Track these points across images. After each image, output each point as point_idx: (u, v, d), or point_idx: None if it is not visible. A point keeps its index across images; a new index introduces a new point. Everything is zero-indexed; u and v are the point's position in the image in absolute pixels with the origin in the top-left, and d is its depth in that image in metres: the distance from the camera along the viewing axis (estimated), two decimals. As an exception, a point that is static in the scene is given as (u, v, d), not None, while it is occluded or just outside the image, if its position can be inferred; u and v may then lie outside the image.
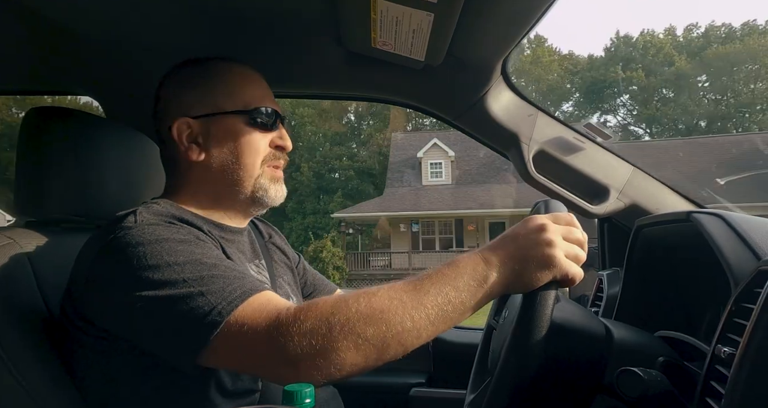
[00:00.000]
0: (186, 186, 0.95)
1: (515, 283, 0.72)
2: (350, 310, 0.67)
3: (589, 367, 0.80)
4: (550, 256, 0.71)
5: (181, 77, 0.96)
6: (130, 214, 0.81)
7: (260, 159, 0.94)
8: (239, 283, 0.72)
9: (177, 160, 0.95)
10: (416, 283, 0.70)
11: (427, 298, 0.69)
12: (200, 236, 0.82)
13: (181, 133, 0.92)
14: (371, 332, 0.66)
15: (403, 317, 0.67)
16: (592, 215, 1.36)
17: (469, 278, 0.71)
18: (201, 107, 0.93)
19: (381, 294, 0.69)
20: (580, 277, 0.73)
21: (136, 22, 1.13)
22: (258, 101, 0.95)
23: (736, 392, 0.59)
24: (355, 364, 0.67)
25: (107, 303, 0.75)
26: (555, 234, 0.73)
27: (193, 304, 0.69)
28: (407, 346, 0.69)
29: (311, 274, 1.24)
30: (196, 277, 0.72)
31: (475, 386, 1.03)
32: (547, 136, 1.35)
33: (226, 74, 0.96)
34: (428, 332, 0.69)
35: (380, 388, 1.54)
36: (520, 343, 0.70)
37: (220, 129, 0.93)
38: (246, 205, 0.96)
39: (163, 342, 0.72)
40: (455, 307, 0.70)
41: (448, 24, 0.97)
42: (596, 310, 1.30)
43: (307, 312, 0.68)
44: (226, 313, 0.68)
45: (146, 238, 0.75)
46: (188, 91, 0.94)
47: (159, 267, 0.72)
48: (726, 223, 0.86)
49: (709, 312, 0.98)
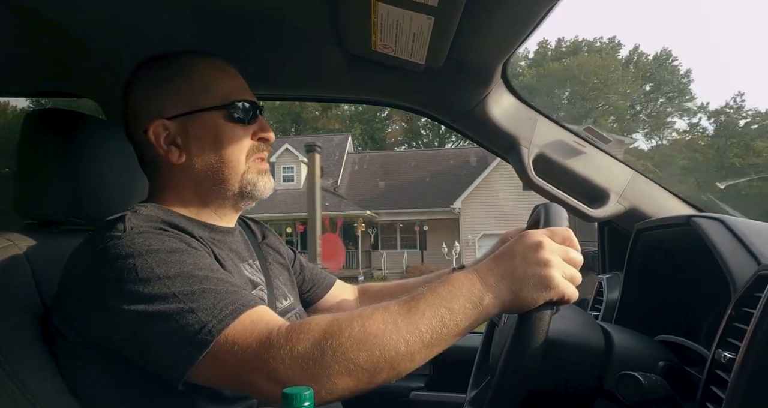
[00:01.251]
0: (170, 189, 0.92)
1: (511, 303, 0.71)
2: (343, 334, 0.66)
3: (588, 375, 0.80)
4: (548, 277, 0.70)
5: (151, 76, 0.92)
6: (119, 222, 0.78)
7: (244, 154, 0.91)
8: (231, 299, 0.71)
9: (157, 164, 0.91)
10: (411, 304, 0.69)
11: (422, 322, 0.68)
12: (192, 243, 0.80)
13: (158, 136, 0.88)
14: (364, 357, 0.65)
15: (397, 342, 0.66)
16: (591, 219, 1.35)
17: (464, 300, 0.69)
18: (176, 106, 0.89)
19: (375, 317, 0.68)
20: (576, 297, 0.72)
21: (135, 24, 1.13)
22: (235, 94, 0.92)
23: (736, 397, 0.59)
24: (347, 389, 0.66)
25: (95, 316, 0.74)
26: (552, 253, 0.72)
27: (182, 322, 0.68)
28: (400, 370, 0.68)
29: (308, 269, 1.22)
30: (187, 292, 0.70)
31: (476, 382, 1.03)
32: (547, 140, 1.35)
33: (197, 69, 0.92)
34: (422, 356, 0.68)
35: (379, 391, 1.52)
36: (515, 364, 0.70)
37: (199, 127, 0.89)
38: (235, 201, 0.94)
39: (151, 358, 0.70)
40: (450, 329, 0.69)
41: (448, 27, 0.97)
42: (596, 314, 1.30)
43: (300, 334, 0.67)
44: (216, 332, 0.67)
45: (136, 249, 0.73)
46: (160, 91, 0.90)
47: (149, 280, 0.70)
48: (726, 227, 0.86)
49: (709, 316, 0.98)
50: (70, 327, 0.78)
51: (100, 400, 0.78)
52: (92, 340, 0.76)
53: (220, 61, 0.95)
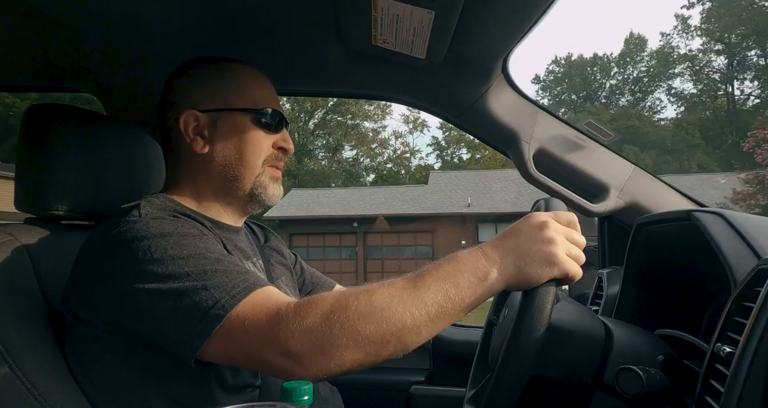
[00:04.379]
0: (186, 178, 0.95)
1: (516, 279, 0.72)
2: (350, 307, 0.67)
3: (588, 368, 0.80)
4: (552, 254, 0.71)
5: (194, 72, 0.97)
6: (134, 208, 0.82)
7: (263, 158, 0.96)
8: (242, 278, 0.73)
9: (180, 151, 0.96)
10: (417, 279, 0.71)
11: (428, 296, 0.69)
12: (203, 231, 0.83)
13: (187, 124, 0.93)
14: (371, 330, 0.67)
15: (403, 315, 0.67)
16: (592, 214, 1.35)
17: (469, 275, 0.71)
18: (210, 102, 0.94)
19: (381, 291, 0.69)
20: (579, 275, 0.73)
21: (137, 20, 1.13)
22: (266, 102, 0.97)
23: (735, 391, 0.59)
24: (355, 361, 0.67)
25: (111, 295, 0.76)
26: (557, 232, 0.73)
27: (196, 298, 0.70)
28: (407, 343, 0.69)
29: (309, 272, 1.24)
30: (200, 271, 0.72)
31: (475, 382, 1.03)
32: (547, 135, 1.35)
33: (237, 74, 0.97)
34: (428, 329, 0.69)
35: (380, 385, 1.54)
36: (519, 341, 0.70)
37: (227, 124, 0.94)
38: (244, 202, 0.97)
39: (166, 335, 0.72)
40: (455, 304, 0.70)
41: (448, 22, 0.97)
42: (596, 309, 1.30)
43: (308, 308, 0.68)
44: (229, 307, 0.69)
45: (151, 232, 0.76)
46: (199, 86, 0.95)
47: (163, 260, 0.73)
48: (726, 221, 0.86)
49: (708, 310, 0.98)
50: (86, 309, 0.79)
51: (111, 385, 0.80)
52: (107, 321, 0.78)
53: (259, 72, 1.00)
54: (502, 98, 1.34)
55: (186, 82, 0.97)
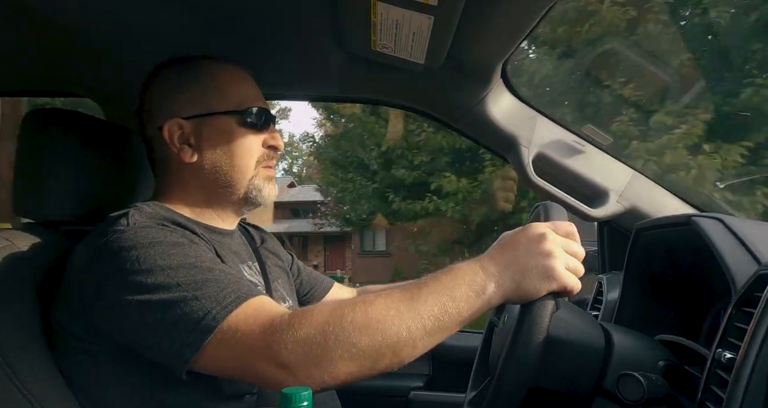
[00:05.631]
0: (177, 188, 0.93)
1: (514, 293, 0.71)
2: (345, 319, 0.66)
3: (587, 378, 0.79)
4: (550, 268, 0.70)
5: (170, 77, 0.94)
6: (122, 217, 0.79)
7: (254, 160, 0.94)
8: (234, 288, 0.71)
9: (167, 161, 0.93)
10: (414, 291, 0.70)
11: (424, 308, 0.68)
12: (194, 239, 0.81)
13: (172, 134, 0.91)
14: (366, 342, 0.66)
15: (399, 328, 0.66)
16: (591, 219, 1.35)
17: (467, 288, 0.70)
18: (192, 108, 0.91)
19: (378, 303, 0.68)
20: (578, 289, 0.72)
21: (135, 24, 1.12)
22: (250, 101, 0.94)
23: (737, 397, 0.59)
24: (349, 373, 0.66)
25: (99, 308, 0.74)
26: (555, 244, 0.72)
27: (186, 309, 0.68)
28: (402, 356, 0.68)
29: (306, 273, 1.23)
30: (190, 281, 0.71)
31: (475, 384, 1.02)
32: (546, 139, 1.35)
33: (216, 74, 0.94)
34: (424, 343, 0.68)
35: (379, 391, 1.54)
36: (516, 355, 0.69)
37: (213, 130, 0.91)
38: (238, 205, 0.96)
39: (156, 347, 0.71)
40: (452, 317, 0.69)
41: (448, 27, 0.97)
42: (596, 314, 1.29)
43: (302, 319, 0.67)
44: (221, 318, 0.68)
45: (139, 242, 0.74)
46: (178, 92, 0.92)
47: (152, 271, 0.71)
48: (726, 227, 0.85)
49: (709, 316, 0.98)
50: (74, 321, 0.78)
51: (104, 396, 0.79)
52: (97, 333, 0.76)
53: (239, 68, 0.97)
54: (502, 103, 1.34)
55: (163, 89, 0.94)
